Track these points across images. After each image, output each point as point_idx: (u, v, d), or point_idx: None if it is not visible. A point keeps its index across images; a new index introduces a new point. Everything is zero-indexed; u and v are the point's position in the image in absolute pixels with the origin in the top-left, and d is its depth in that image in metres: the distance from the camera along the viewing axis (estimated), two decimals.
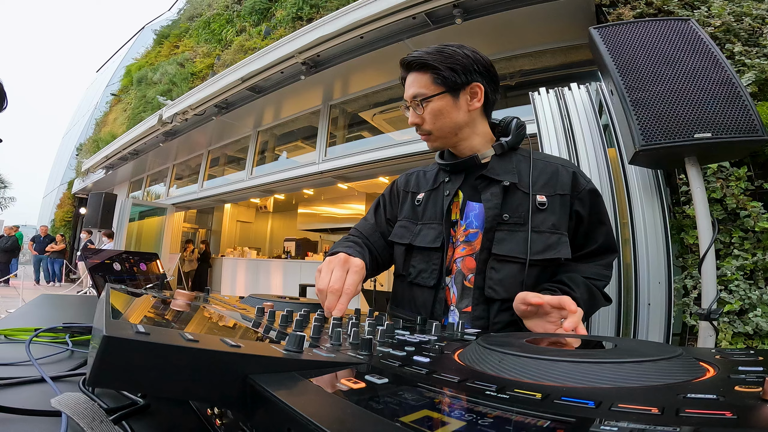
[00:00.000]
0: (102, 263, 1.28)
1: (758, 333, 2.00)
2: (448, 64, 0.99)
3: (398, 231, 1.12)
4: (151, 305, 0.69)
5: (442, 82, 0.99)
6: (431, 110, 1.01)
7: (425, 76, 1.01)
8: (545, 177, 1.02)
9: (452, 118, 1.02)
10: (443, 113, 1.01)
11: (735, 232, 2.14)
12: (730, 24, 2.43)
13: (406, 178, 1.22)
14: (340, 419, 0.24)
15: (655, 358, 0.36)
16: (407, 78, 1.05)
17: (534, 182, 1.01)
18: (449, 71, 0.99)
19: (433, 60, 0.99)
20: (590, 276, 1.00)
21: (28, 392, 0.50)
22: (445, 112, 1.01)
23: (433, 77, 1.00)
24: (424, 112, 1.02)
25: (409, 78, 1.04)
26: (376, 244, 1.15)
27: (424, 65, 1.00)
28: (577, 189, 1.02)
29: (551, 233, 0.98)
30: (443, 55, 1.00)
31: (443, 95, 1.00)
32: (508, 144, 1.05)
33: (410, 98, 1.03)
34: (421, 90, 1.01)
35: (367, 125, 6.27)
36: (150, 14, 45.86)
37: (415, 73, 1.02)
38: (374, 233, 1.17)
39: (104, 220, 8.17)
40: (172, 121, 7.29)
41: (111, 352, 0.28)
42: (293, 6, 7.29)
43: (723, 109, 1.71)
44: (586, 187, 1.03)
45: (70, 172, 16.05)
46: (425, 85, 1.01)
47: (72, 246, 13.17)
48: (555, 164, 1.05)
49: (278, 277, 8.25)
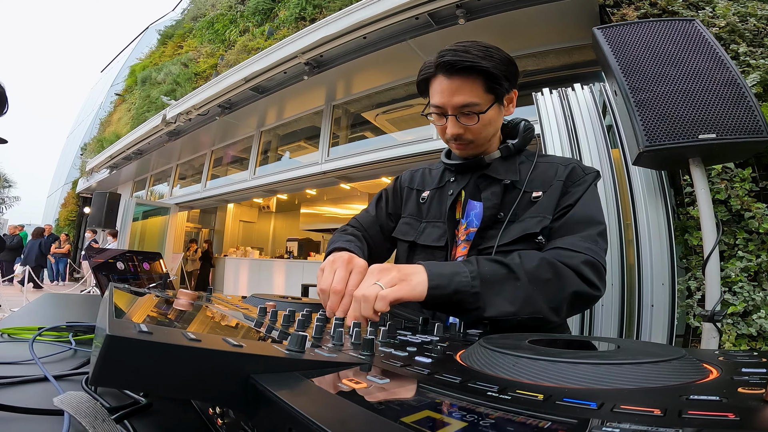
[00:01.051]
0: (105, 262, 1.28)
1: (762, 335, 1.99)
2: (501, 71, 0.90)
3: (402, 228, 1.12)
4: (154, 305, 0.69)
5: (493, 89, 0.92)
6: (484, 121, 0.93)
7: (476, 82, 0.90)
8: (544, 176, 0.99)
9: (496, 126, 0.99)
10: (491, 123, 0.96)
11: (739, 234, 2.13)
12: (735, 24, 2.42)
13: (410, 174, 1.21)
14: (341, 419, 0.24)
15: (658, 359, 0.36)
16: (445, 81, 0.92)
17: (532, 180, 0.98)
18: (502, 78, 0.91)
19: (489, 66, 0.89)
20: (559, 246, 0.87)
21: (30, 391, 0.50)
22: (493, 122, 0.96)
23: (485, 85, 0.91)
24: (476, 123, 0.93)
25: (452, 83, 0.91)
26: (374, 238, 1.14)
27: (478, 71, 0.89)
28: (573, 178, 0.97)
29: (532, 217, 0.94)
30: (494, 59, 0.90)
31: (494, 105, 0.93)
32: (514, 146, 1.03)
33: (456, 107, 0.92)
34: (473, 99, 0.91)
35: (370, 125, 6.28)
36: (154, 14, 46.09)
37: (462, 78, 0.90)
38: (373, 226, 1.16)
39: (108, 220, 8.20)
40: (176, 121, 7.32)
41: (114, 351, 0.28)
42: (296, 6, 7.31)
43: (727, 109, 1.70)
44: (582, 177, 0.97)
45: (74, 171, 16.13)
46: (478, 94, 0.91)
47: (76, 245, 13.23)
48: (556, 164, 1.01)
49: (281, 277, 8.26)
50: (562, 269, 0.81)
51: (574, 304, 0.82)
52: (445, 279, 0.74)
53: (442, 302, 0.75)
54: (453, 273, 0.75)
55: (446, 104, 0.93)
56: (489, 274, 0.77)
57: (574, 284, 0.81)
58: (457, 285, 0.74)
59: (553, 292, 0.79)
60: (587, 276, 0.82)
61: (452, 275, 0.75)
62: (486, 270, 0.77)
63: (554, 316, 0.78)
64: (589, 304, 0.86)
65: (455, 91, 0.92)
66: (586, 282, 0.82)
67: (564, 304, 0.80)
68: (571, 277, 0.81)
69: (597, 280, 0.83)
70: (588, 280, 0.82)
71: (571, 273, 0.81)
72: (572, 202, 0.93)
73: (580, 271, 0.82)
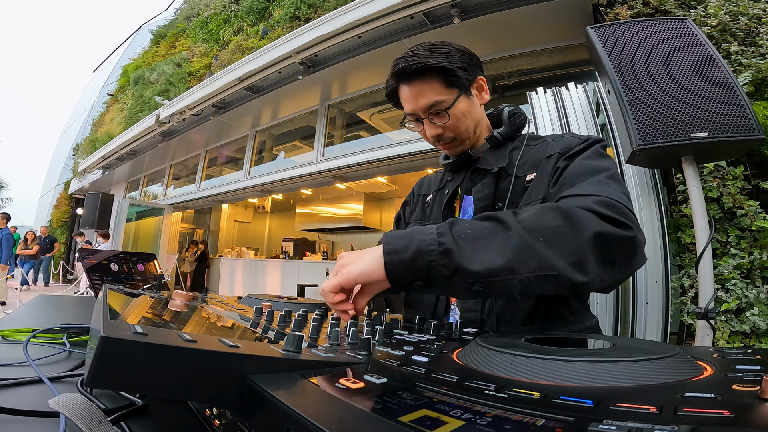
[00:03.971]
0: (99, 264, 1.27)
1: (755, 332, 2.01)
2: (455, 62, 0.90)
3: None
4: (149, 306, 0.69)
5: (454, 82, 0.91)
6: (455, 115, 0.93)
7: (433, 81, 0.91)
8: (535, 156, 0.95)
9: (473, 116, 0.97)
10: (465, 115, 0.95)
11: (732, 231, 2.15)
12: (727, 24, 2.44)
13: (420, 182, 1.24)
14: (338, 419, 0.24)
15: (653, 357, 0.36)
16: (406, 88, 0.94)
17: (523, 163, 0.95)
18: (459, 69, 0.91)
19: (441, 62, 0.89)
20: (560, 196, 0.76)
21: (25, 393, 0.50)
22: (467, 113, 0.95)
23: (444, 81, 0.91)
24: (448, 120, 0.93)
25: (412, 88, 0.93)
26: None
27: (432, 69, 0.90)
28: (567, 147, 0.89)
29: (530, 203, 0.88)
30: (443, 54, 0.90)
31: (461, 97, 0.93)
32: (502, 135, 1.01)
33: (424, 109, 0.93)
34: (437, 98, 0.91)
35: (365, 125, 6.27)
36: (147, 14, 45.76)
37: (419, 81, 0.92)
38: None
39: (101, 221, 8.12)
40: (170, 121, 7.26)
41: (109, 352, 0.28)
42: (291, 6, 7.28)
43: (720, 108, 1.72)
44: (579, 142, 0.89)
45: (66, 172, 16.00)
46: (439, 91, 0.91)
47: (68, 247, 13.10)
48: (547, 140, 0.97)
49: (276, 277, 8.23)
50: (572, 211, 0.63)
51: (605, 253, 0.61)
52: (402, 240, 0.61)
53: (410, 277, 0.60)
54: (413, 232, 0.62)
55: (415, 109, 0.94)
56: (465, 229, 0.61)
57: (595, 224, 0.62)
58: (418, 243, 0.59)
59: (568, 241, 0.60)
60: (607, 213, 0.63)
61: (412, 234, 0.61)
62: (460, 225, 0.62)
63: (578, 273, 0.59)
64: (628, 251, 0.64)
65: (417, 95, 0.93)
66: (609, 220, 0.63)
67: (587, 254, 0.60)
68: (588, 217, 0.63)
69: (622, 218, 0.64)
70: (609, 217, 0.63)
71: (586, 213, 0.63)
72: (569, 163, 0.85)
73: (596, 210, 0.64)
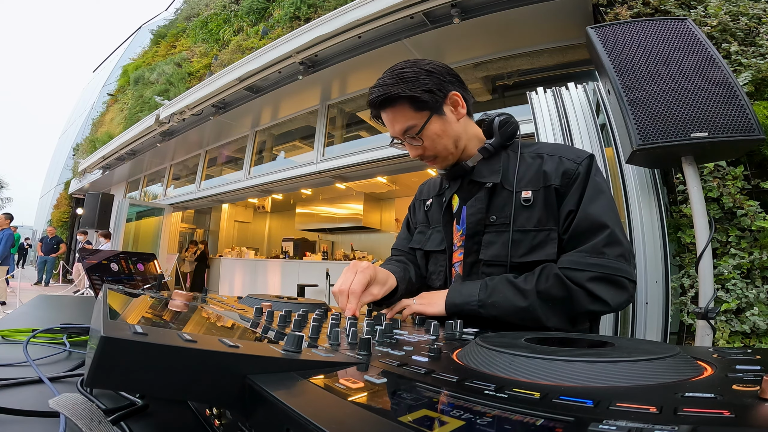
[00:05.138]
0: (99, 264, 1.27)
1: (755, 331, 2.01)
2: (419, 87, 0.93)
3: (417, 237, 1.19)
4: (149, 306, 0.69)
5: (423, 106, 0.94)
6: (429, 137, 0.97)
7: (403, 107, 0.95)
8: (532, 170, 0.97)
9: (449, 134, 0.99)
10: (440, 135, 0.98)
11: (732, 231, 2.15)
12: (727, 24, 2.43)
13: (420, 188, 1.28)
14: (339, 419, 0.24)
15: (653, 357, 0.36)
16: (382, 115, 0.99)
17: (520, 178, 0.97)
18: (425, 93, 0.93)
19: (404, 90, 0.93)
20: (565, 266, 0.87)
21: (25, 393, 0.50)
22: (441, 132, 0.98)
23: (412, 105, 0.94)
24: (423, 142, 0.98)
25: (386, 115, 0.98)
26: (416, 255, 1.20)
27: (398, 98, 0.94)
28: (567, 176, 0.93)
29: (537, 231, 0.93)
30: (407, 80, 0.93)
31: (432, 118, 0.96)
32: (493, 145, 1.02)
33: (400, 134, 0.98)
34: (408, 123, 0.96)
35: (365, 125, 6.26)
36: (147, 14, 45.71)
37: (390, 108, 0.96)
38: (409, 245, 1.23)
39: (101, 221, 8.12)
40: (170, 121, 7.26)
41: (109, 352, 0.28)
42: (291, 6, 7.27)
43: (719, 108, 1.72)
44: (576, 171, 0.93)
45: (66, 172, 16.00)
46: (409, 116, 0.95)
47: (69, 247, 13.10)
48: (542, 154, 0.99)
49: (276, 277, 8.23)
50: (572, 291, 0.85)
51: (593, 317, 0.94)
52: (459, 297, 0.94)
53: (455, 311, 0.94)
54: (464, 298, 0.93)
55: (393, 134, 1.00)
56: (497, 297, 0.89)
57: (586, 303, 0.85)
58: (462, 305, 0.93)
59: (566, 310, 0.86)
60: (599, 295, 0.84)
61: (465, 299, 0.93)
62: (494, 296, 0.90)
63: (568, 326, 0.88)
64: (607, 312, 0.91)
65: (392, 121, 0.98)
66: (599, 301, 0.84)
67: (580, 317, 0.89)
68: (582, 298, 0.85)
69: (612, 294, 0.84)
70: (601, 299, 0.84)
71: (581, 292, 0.85)
72: (573, 207, 0.91)
73: (591, 291, 0.84)
